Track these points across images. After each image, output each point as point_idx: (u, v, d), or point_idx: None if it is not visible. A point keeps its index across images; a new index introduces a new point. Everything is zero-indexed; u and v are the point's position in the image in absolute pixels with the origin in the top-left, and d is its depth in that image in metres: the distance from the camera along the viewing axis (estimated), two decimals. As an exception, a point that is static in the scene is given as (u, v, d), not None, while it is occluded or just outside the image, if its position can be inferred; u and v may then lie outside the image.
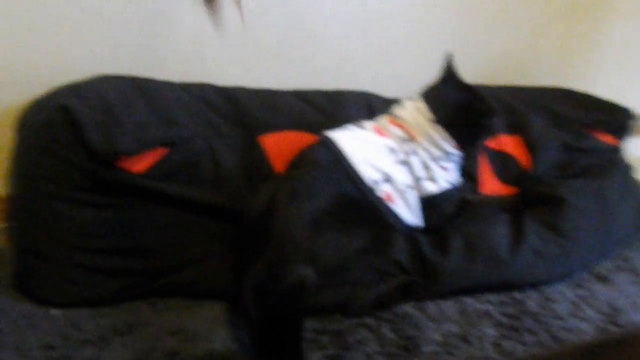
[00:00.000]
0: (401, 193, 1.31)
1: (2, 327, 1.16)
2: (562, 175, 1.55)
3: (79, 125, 1.26)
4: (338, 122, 1.46)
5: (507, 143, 1.62)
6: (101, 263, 1.26)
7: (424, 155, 1.34)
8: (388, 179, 1.29)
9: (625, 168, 1.62)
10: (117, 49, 1.51)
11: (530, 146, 1.61)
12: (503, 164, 1.59)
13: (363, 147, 1.31)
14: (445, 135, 1.33)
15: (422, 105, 1.36)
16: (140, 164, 1.30)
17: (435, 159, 1.35)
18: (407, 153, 1.32)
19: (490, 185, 1.56)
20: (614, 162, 1.60)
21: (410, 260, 1.29)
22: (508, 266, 1.32)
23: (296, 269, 1.10)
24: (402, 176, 1.31)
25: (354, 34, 1.71)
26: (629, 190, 1.56)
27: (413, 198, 1.33)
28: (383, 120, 1.40)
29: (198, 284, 1.27)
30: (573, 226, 1.39)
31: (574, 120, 1.67)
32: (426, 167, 1.34)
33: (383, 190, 1.28)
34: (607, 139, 1.66)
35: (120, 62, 1.52)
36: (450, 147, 1.35)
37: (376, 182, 1.28)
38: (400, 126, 1.37)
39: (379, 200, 1.27)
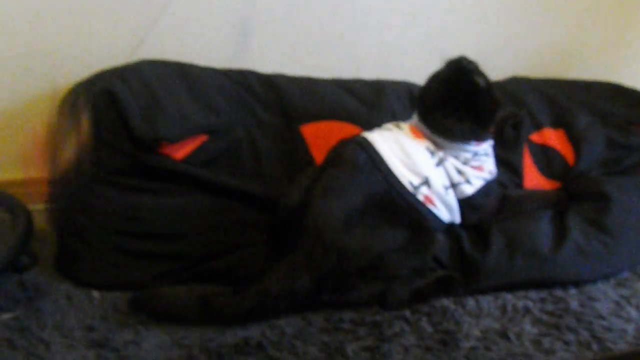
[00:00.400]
0: (440, 195, 1.28)
1: (44, 307, 1.17)
2: (607, 172, 1.50)
3: (123, 110, 1.26)
4: (379, 112, 1.45)
5: (552, 137, 1.58)
6: (141, 247, 1.25)
7: (454, 161, 1.31)
8: (427, 182, 1.26)
9: None
10: (160, 33, 1.49)
11: (575, 141, 1.56)
12: (547, 158, 1.55)
13: (402, 151, 1.27)
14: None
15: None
16: (181, 151, 1.30)
17: (465, 162, 1.32)
18: (441, 158, 1.30)
19: (534, 180, 1.52)
20: None
21: (449, 257, 1.27)
22: (550, 263, 1.28)
23: None
24: (440, 178, 1.28)
25: (396, 23, 1.68)
26: None
27: (452, 198, 1.30)
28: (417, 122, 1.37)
29: (236, 271, 1.24)
30: (618, 224, 1.35)
31: (621, 116, 1.62)
32: (460, 172, 1.31)
33: (422, 193, 1.25)
34: None
35: (164, 47, 1.50)
36: (474, 145, 1.32)
37: (415, 187, 1.24)
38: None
39: (419, 203, 1.24)
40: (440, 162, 1.29)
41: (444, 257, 1.27)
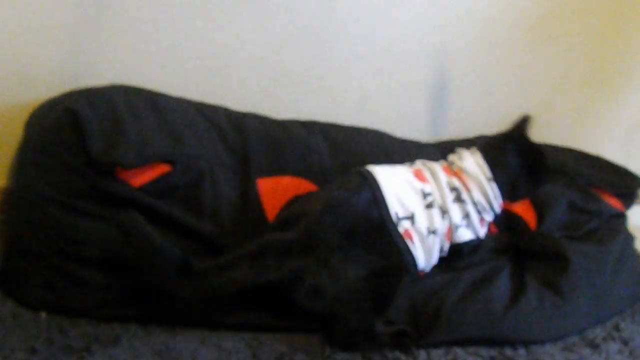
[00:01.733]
0: (421, 236, 1.26)
1: None
2: (567, 236, 1.49)
3: (83, 131, 1.20)
4: (347, 164, 1.42)
5: (516, 203, 1.54)
6: (88, 274, 1.17)
7: (470, 205, 1.31)
8: (411, 218, 1.24)
9: (627, 236, 1.54)
10: (141, 59, 1.46)
11: (538, 207, 1.55)
12: (510, 224, 1.53)
13: (397, 183, 1.27)
14: (498, 193, 1.33)
15: (481, 161, 1.34)
16: (141, 178, 1.23)
17: (479, 211, 1.32)
18: (431, 202, 1.28)
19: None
20: (618, 228, 1.54)
21: (407, 306, 1.24)
22: (502, 322, 1.25)
23: None
24: (426, 221, 1.26)
25: (377, 73, 1.66)
26: (628, 260, 1.48)
27: (433, 244, 1.28)
28: (435, 166, 1.36)
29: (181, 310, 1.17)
30: (572, 288, 1.33)
31: (582, 179, 1.62)
32: (467, 216, 1.30)
33: (404, 226, 1.23)
34: (613, 202, 1.60)
35: (143, 73, 1.46)
36: (499, 205, 1.34)
37: (399, 218, 1.23)
38: (458, 176, 1.33)
39: (397, 233, 1.23)
40: (430, 205, 1.28)
41: (402, 305, 1.23)
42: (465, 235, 1.33)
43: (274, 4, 1.49)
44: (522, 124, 1.42)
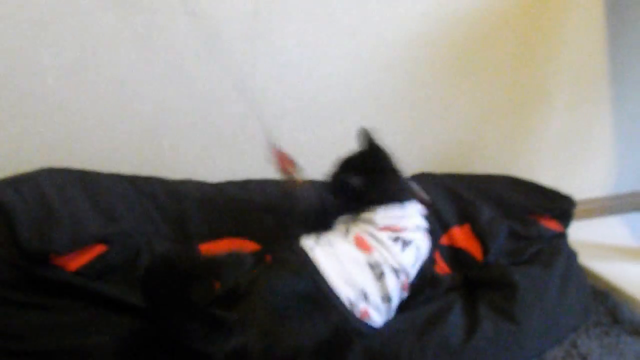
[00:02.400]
0: (377, 307, 1.23)
1: None
2: (511, 262, 1.50)
3: (11, 221, 1.16)
4: (284, 219, 1.41)
5: (458, 236, 1.58)
6: None
7: (414, 243, 1.31)
8: (364, 295, 1.20)
9: (569, 253, 1.56)
10: (68, 139, 1.44)
11: (480, 236, 1.56)
12: (456, 258, 1.55)
13: (342, 263, 1.21)
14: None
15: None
16: (75, 261, 1.19)
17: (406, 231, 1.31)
18: (381, 272, 1.25)
19: (443, 270, 1.50)
20: (559, 248, 1.56)
21: (363, 355, 1.18)
22: (460, 356, 1.23)
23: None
24: (379, 292, 1.23)
25: (308, 126, 1.68)
26: (574, 276, 1.50)
27: (390, 306, 1.26)
28: (370, 228, 1.31)
29: None
30: (526, 312, 1.33)
31: (520, 207, 1.65)
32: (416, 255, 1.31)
33: (359, 309, 1.19)
34: (551, 224, 1.62)
35: (72, 154, 1.45)
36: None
37: (352, 303, 1.18)
38: (393, 229, 1.31)
39: (355, 319, 1.18)
40: (381, 275, 1.24)
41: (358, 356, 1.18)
42: (412, 271, 1.32)
43: (195, 70, 1.50)
44: (364, 138, 1.43)
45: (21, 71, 1.35)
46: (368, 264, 1.24)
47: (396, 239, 1.29)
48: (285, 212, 1.46)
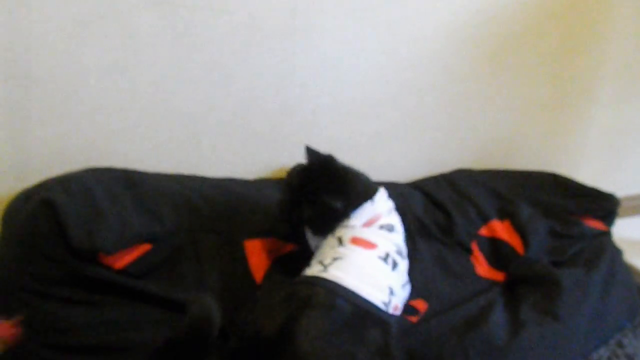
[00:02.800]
0: (401, 298, 1.23)
1: None
2: (553, 261, 1.47)
3: (61, 221, 1.18)
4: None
5: (499, 228, 1.56)
6: None
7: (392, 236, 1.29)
8: (392, 292, 1.18)
9: (614, 252, 1.53)
10: (112, 139, 1.45)
11: (521, 230, 1.54)
12: (496, 250, 1.52)
13: (362, 273, 1.17)
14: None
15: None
16: (121, 261, 1.21)
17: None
18: (394, 261, 1.24)
19: (483, 271, 1.48)
20: (603, 246, 1.52)
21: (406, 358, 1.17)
22: (505, 357, 1.22)
23: None
24: (398, 280, 1.23)
25: (345, 122, 1.67)
26: (619, 274, 1.47)
27: (404, 293, 1.26)
28: (354, 231, 1.27)
29: None
30: (570, 312, 1.31)
31: (561, 207, 1.61)
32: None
33: (392, 306, 1.17)
34: (594, 224, 1.59)
35: (114, 153, 1.45)
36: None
37: (386, 304, 1.15)
38: (373, 222, 1.29)
39: (392, 317, 1.16)
40: (395, 265, 1.23)
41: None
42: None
43: (234, 67, 1.50)
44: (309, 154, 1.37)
45: (63, 71, 1.37)
46: (380, 259, 1.22)
47: (381, 227, 1.27)
48: None
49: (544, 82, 1.84)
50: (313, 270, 1.19)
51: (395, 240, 1.28)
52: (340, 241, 1.24)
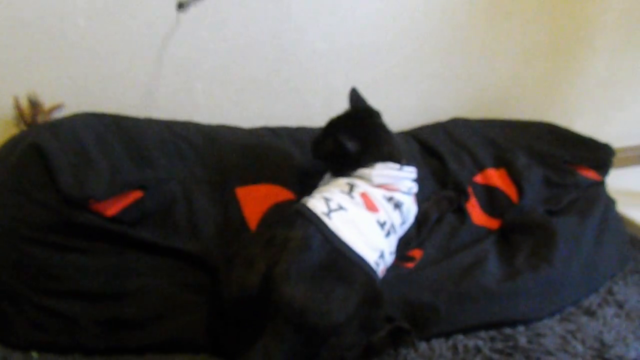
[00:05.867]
0: (387, 263, 1.23)
1: None
2: (548, 210, 1.47)
3: (51, 166, 1.15)
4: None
5: (494, 177, 1.56)
6: (68, 308, 1.12)
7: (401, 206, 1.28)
8: (382, 255, 1.19)
9: (607, 202, 1.54)
10: (104, 83, 1.42)
11: (516, 179, 1.53)
12: (491, 198, 1.52)
13: (358, 229, 1.17)
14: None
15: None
16: (113, 208, 1.17)
17: (407, 191, 1.30)
18: (388, 230, 1.24)
19: (479, 218, 1.49)
20: (597, 196, 1.53)
21: (398, 308, 1.20)
22: (499, 304, 1.23)
23: None
24: (389, 247, 1.23)
25: (342, 69, 1.63)
26: (612, 224, 1.49)
27: (391, 261, 1.26)
28: (366, 185, 1.27)
29: (176, 336, 1.13)
30: (564, 260, 1.32)
31: (556, 157, 1.61)
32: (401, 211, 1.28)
33: (380, 267, 1.18)
34: (589, 174, 1.59)
35: (105, 97, 1.42)
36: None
37: (377, 263, 1.16)
38: (388, 188, 1.28)
39: (377, 276, 1.17)
40: (388, 233, 1.23)
41: (393, 309, 1.19)
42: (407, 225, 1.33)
43: (228, 13, 1.46)
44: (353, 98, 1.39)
45: (52, 12, 1.33)
46: (378, 223, 1.22)
47: (390, 199, 1.26)
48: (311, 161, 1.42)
49: (542, 30, 1.79)
50: (315, 204, 1.18)
51: (394, 219, 1.26)
52: (351, 188, 1.24)
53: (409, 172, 1.31)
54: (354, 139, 1.27)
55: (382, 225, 1.22)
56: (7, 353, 1.10)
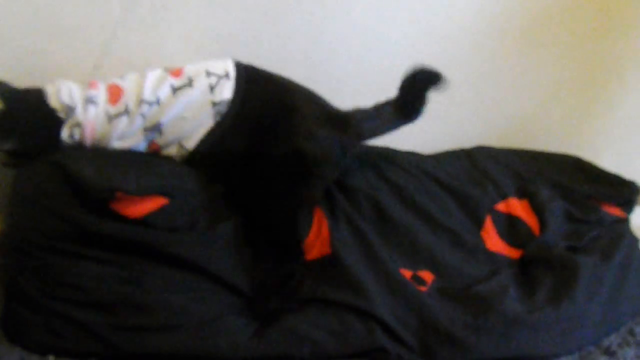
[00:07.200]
0: None
1: None
2: (570, 246, 1.45)
3: (74, 169, 1.14)
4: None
5: (517, 206, 1.53)
6: (87, 317, 1.12)
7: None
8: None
9: (631, 240, 1.50)
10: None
11: (539, 211, 1.50)
12: (512, 227, 1.50)
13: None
14: None
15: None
16: (137, 209, 1.15)
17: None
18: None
19: (495, 245, 1.46)
20: (621, 233, 1.49)
21: (416, 323, 1.20)
22: (518, 339, 1.21)
23: None
24: None
25: (370, 91, 1.52)
26: (636, 263, 1.44)
27: None
28: None
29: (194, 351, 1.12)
30: (586, 299, 1.29)
31: (580, 192, 1.58)
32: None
33: None
34: (613, 210, 1.55)
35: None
36: None
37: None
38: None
39: None
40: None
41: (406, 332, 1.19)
42: None
43: (264, 29, 1.48)
44: None
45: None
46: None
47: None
48: None
49: (573, 64, 1.77)
50: None
51: None
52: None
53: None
54: None
55: None
56: (25, 355, 1.11)
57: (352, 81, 1.62)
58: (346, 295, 1.22)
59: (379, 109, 1.36)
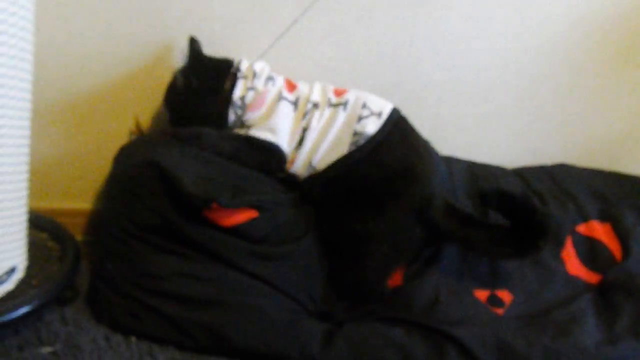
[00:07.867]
0: None
1: (82, 344, 1.10)
2: None
3: (172, 175, 1.18)
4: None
5: (598, 229, 1.48)
6: (165, 307, 1.16)
7: None
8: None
9: None
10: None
11: (622, 236, 1.45)
12: (592, 250, 1.45)
13: None
14: None
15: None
16: (230, 220, 1.19)
17: None
18: None
19: (575, 269, 1.42)
20: None
21: (494, 341, 1.19)
22: None
23: None
24: None
25: (452, 101, 1.62)
26: None
27: None
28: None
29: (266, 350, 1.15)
30: None
31: None
32: None
33: None
34: None
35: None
36: None
37: None
38: None
39: None
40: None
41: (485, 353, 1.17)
42: None
43: (355, 31, 1.48)
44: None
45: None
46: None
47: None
48: None
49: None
50: None
51: None
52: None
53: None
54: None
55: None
56: (110, 333, 1.16)
57: (437, 89, 1.60)
58: (415, 315, 1.25)
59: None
